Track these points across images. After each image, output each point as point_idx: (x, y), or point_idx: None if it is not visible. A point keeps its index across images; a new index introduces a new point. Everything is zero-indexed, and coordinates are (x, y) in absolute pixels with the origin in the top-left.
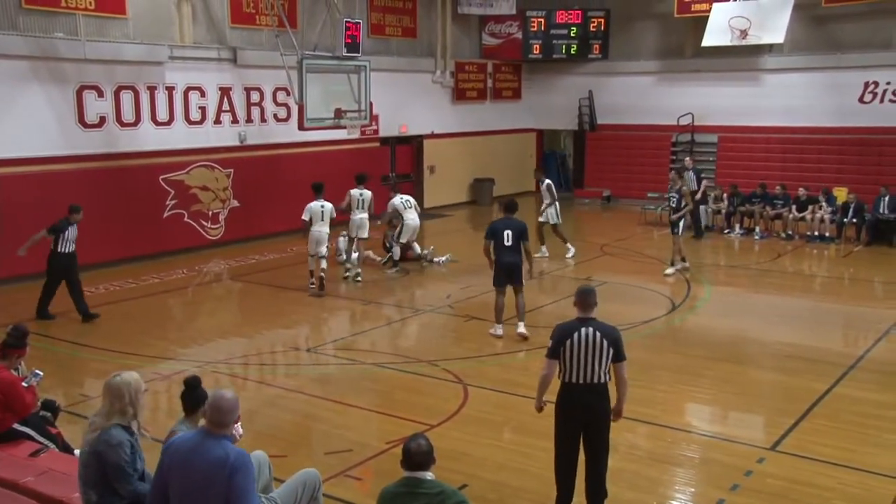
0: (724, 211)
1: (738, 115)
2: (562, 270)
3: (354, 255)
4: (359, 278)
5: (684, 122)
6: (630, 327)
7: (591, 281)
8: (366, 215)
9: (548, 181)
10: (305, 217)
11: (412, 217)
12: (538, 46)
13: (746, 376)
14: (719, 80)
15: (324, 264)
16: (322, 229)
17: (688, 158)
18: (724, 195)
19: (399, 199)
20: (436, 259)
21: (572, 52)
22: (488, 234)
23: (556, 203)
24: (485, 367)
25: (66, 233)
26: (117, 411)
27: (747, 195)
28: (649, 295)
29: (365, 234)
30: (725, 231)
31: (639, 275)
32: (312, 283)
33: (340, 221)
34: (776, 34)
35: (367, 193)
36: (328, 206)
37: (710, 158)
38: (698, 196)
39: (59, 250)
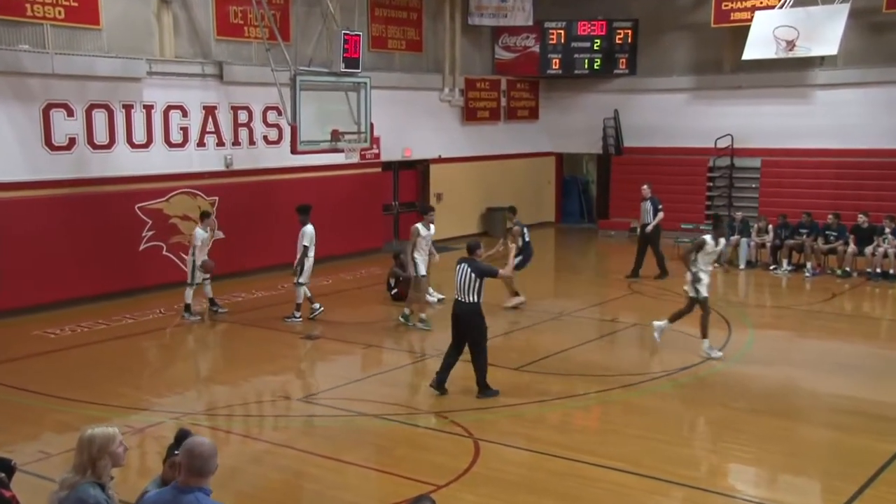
0: (769, 244)
1: (785, 136)
2: (581, 312)
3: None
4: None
5: (722, 144)
6: (663, 375)
7: (616, 322)
8: None
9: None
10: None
11: (311, 254)
12: (557, 61)
13: (797, 433)
14: (762, 97)
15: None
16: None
17: (645, 186)
18: (769, 227)
19: (310, 230)
20: (429, 296)
21: (596, 66)
22: None
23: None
24: (498, 420)
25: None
26: (88, 467)
27: (795, 226)
28: (684, 339)
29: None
30: (771, 267)
31: None
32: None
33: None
34: (829, 45)
35: None
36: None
37: (753, 185)
38: (649, 229)
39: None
